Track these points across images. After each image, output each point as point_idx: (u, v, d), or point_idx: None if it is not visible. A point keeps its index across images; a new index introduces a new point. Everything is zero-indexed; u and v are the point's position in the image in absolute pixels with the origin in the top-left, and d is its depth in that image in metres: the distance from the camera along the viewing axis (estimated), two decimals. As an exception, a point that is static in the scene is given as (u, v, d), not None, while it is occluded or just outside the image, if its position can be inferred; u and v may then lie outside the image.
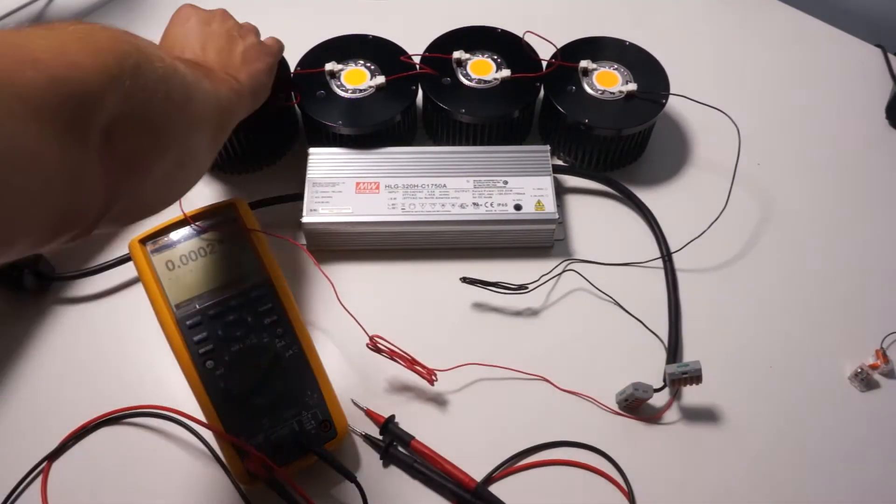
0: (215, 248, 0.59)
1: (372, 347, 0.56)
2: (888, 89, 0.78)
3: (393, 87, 0.69)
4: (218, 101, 0.49)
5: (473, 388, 0.59)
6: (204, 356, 0.55)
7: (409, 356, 0.56)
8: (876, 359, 0.60)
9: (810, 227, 0.69)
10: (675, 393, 0.58)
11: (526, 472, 0.56)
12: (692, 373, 0.55)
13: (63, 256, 0.64)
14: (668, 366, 0.56)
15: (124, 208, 0.39)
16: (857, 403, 0.59)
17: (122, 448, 0.56)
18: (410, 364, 0.56)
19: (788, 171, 0.73)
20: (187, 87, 0.42)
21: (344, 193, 0.64)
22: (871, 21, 0.90)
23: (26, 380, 0.60)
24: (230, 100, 0.51)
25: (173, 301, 0.56)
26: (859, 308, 0.64)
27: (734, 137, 0.67)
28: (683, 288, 0.64)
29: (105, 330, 0.62)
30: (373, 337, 0.56)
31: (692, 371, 0.55)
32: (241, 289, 0.57)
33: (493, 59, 0.71)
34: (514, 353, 0.61)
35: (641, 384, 0.56)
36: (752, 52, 0.83)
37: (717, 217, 0.65)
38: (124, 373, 0.60)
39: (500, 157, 0.67)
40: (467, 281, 0.62)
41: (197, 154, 0.46)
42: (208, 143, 0.47)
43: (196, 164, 0.47)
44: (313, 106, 0.68)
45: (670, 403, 0.58)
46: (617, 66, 0.71)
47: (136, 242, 0.58)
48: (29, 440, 0.56)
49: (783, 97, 0.79)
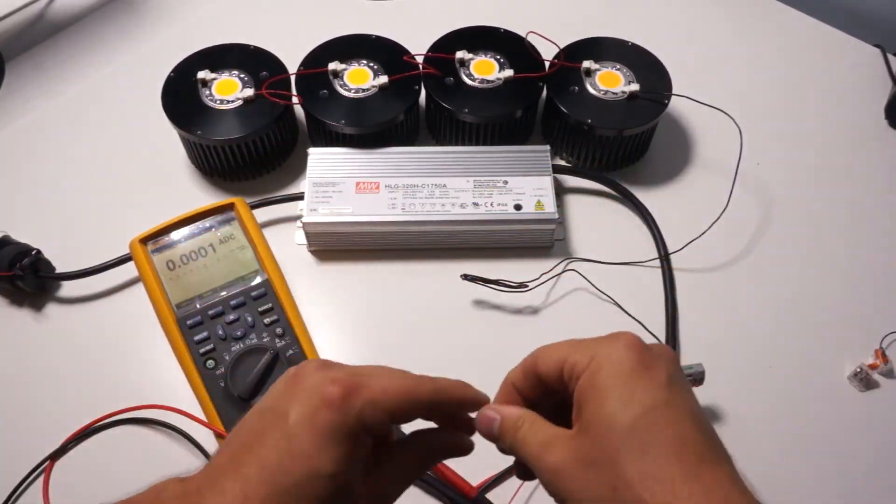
0: (216, 248, 0.59)
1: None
2: (888, 89, 0.78)
3: (396, 87, 0.69)
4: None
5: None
6: (204, 356, 0.55)
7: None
8: (875, 359, 0.60)
9: (810, 227, 0.69)
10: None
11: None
12: (696, 375, 0.55)
13: (63, 256, 0.64)
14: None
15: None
16: (857, 403, 0.59)
17: (123, 448, 0.56)
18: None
19: (788, 171, 0.73)
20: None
21: (344, 193, 0.64)
22: (871, 21, 0.90)
23: (27, 380, 0.60)
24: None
25: (174, 301, 0.56)
26: (859, 308, 0.64)
27: (735, 137, 0.67)
28: (684, 288, 0.64)
29: (105, 330, 0.62)
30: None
31: (696, 374, 0.55)
32: (241, 289, 0.57)
33: (496, 59, 0.71)
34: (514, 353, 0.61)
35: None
36: (752, 52, 0.83)
37: (717, 217, 0.65)
38: (125, 372, 0.60)
39: (500, 157, 0.67)
40: (468, 278, 0.61)
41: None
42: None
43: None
44: (316, 105, 0.68)
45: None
46: (619, 67, 0.71)
47: (136, 242, 0.58)
48: (30, 440, 0.56)
49: (783, 97, 0.79)
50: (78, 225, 0.68)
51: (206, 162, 0.69)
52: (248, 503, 0.27)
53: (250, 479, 0.28)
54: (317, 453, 0.28)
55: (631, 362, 0.29)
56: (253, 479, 0.28)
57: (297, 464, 0.28)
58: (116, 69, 0.80)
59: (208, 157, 0.68)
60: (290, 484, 0.27)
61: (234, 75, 0.69)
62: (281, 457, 0.28)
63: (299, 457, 0.28)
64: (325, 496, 0.27)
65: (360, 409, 0.29)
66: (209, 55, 0.71)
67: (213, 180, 0.71)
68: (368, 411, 0.29)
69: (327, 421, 0.28)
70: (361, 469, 0.30)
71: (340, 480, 0.28)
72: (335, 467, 0.28)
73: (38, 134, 0.75)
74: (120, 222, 0.64)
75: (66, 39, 0.83)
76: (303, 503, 0.27)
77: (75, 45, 0.83)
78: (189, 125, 0.66)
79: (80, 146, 0.74)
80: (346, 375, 0.30)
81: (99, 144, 0.74)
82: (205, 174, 0.72)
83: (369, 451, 0.30)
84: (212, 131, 0.66)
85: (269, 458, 0.28)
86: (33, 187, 0.71)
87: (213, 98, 0.68)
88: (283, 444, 0.28)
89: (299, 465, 0.28)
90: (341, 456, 0.28)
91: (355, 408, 0.29)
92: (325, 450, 0.28)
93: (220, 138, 0.66)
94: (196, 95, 0.68)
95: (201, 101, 0.68)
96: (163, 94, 0.69)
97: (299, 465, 0.28)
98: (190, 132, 0.66)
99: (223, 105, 0.68)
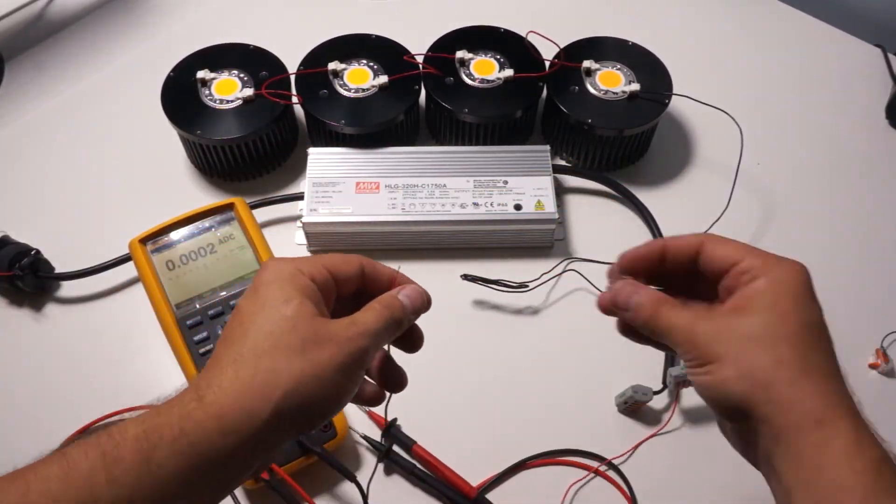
0: (215, 248, 0.58)
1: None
2: (888, 89, 0.78)
3: (396, 87, 0.69)
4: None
5: (474, 390, 0.59)
6: (204, 356, 0.55)
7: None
8: (876, 358, 0.60)
9: (810, 227, 0.69)
10: (676, 395, 0.58)
11: (525, 475, 0.55)
12: None
13: (63, 256, 0.64)
14: (671, 368, 0.56)
15: None
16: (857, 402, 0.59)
17: (122, 448, 0.56)
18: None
19: (788, 171, 0.73)
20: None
21: (344, 193, 0.64)
22: (871, 21, 0.89)
23: (27, 380, 0.59)
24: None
25: (173, 301, 0.56)
26: (859, 308, 0.64)
27: (736, 137, 0.67)
28: (684, 288, 0.64)
29: (105, 330, 0.62)
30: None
31: None
32: (241, 289, 0.57)
33: (496, 58, 0.71)
34: (514, 353, 0.61)
35: (641, 387, 0.56)
36: (753, 52, 0.83)
37: (718, 217, 0.65)
38: (125, 372, 0.59)
39: (500, 157, 0.67)
40: (468, 278, 0.61)
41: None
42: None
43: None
44: (316, 105, 0.68)
45: (674, 407, 0.58)
46: (620, 67, 0.71)
47: (136, 242, 0.58)
48: (29, 440, 0.55)
49: (783, 97, 0.79)
50: (77, 225, 0.68)
51: (205, 162, 0.69)
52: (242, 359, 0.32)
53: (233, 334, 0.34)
54: (279, 297, 0.34)
55: (809, 284, 0.34)
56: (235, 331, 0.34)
57: (267, 311, 0.34)
58: (116, 69, 0.80)
59: (208, 157, 0.68)
60: (269, 329, 0.33)
61: (234, 75, 0.69)
62: (254, 311, 0.34)
63: (268, 305, 0.34)
64: (298, 324, 0.33)
65: (307, 270, 0.36)
66: (209, 55, 0.71)
67: (213, 180, 0.71)
68: (308, 267, 0.36)
69: (284, 276, 0.35)
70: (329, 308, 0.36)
71: (305, 309, 0.34)
72: (297, 304, 0.34)
73: (38, 134, 0.75)
74: (119, 222, 0.64)
75: (65, 39, 0.83)
76: (287, 335, 0.33)
77: (75, 45, 0.83)
78: (189, 125, 0.66)
79: (80, 146, 0.74)
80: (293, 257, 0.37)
81: (99, 144, 0.74)
82: (204, 174, 0.72)
83: (329, 295, 0.36)
84: (211, 131, 0.66)
85: (249, 320, 0.34)
86: (33, 187, 0.71)
87: (213, 98, 0.68)
88: (258, 306, 0.34)
89: (269, 310, 0.34)
90: (297, 297, 0.34)
91: (304, 271, 0.35)
92: (284, 292, 0.34)
93: (219, 138, 0.66)
94: (196, 95, 0.68)
95: (201, 101, 0.68)
96: (162, 93, 0.69)
97: (269, 310, 0.34)
98: (189, 132, 0.66)
99: (223, 105, 0.67)
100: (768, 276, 0.34)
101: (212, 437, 0.31)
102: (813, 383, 0.31)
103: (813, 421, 0.30)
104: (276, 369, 0.32)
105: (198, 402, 0.31)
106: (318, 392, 0.32)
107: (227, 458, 0.31)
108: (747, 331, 0.33)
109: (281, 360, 0.32)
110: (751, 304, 0.33)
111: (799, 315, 0.33)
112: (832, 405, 0.31)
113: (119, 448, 0.30)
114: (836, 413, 0.31)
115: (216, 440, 0.31)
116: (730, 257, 0.35)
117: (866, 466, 0.29)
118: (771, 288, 0.34)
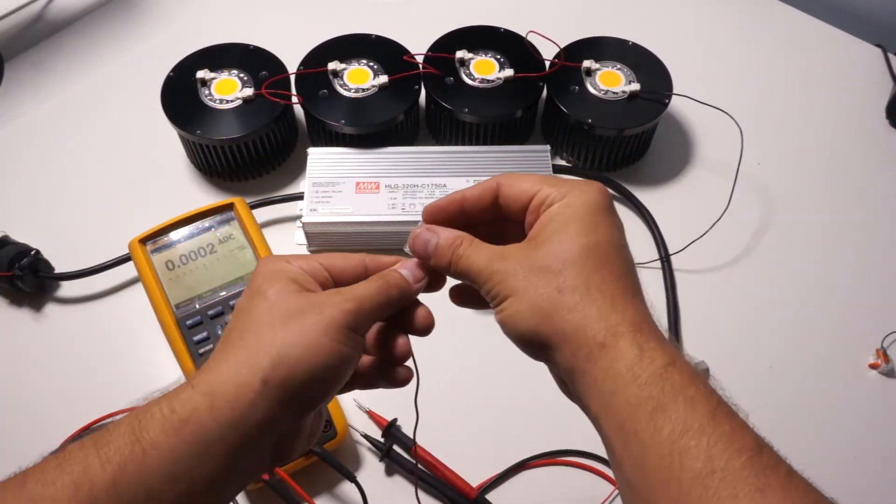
0: (215, 248, 0.58)
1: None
2: (888, 89, 0.78)
3: (396, 87, 0.69)
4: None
5: (475, 391, 0.59)
6: (204, 356, 0.54)
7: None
8: (876, 358, 0.60)
9: (810, 228, 0.69)
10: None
11: (525, 475, 0.55)
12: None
13: (63, 256, 0.64)
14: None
15: None
16: (858, 403, 0.59)
17: (122, 448, 0.56)
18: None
19: (788, 171, 0.73)
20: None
21: (344, 193, 0.64)
22: (871, 21, 0.89)
23: (27, 380, 0.59)
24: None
25: (173, 301, 0.56)
26: (859, 308, 0.64)
27: (736, 137, 0.67)
28: (685, 289, 0.64)
29: (105, 330, 0.62)
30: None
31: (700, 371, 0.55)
32: (240, 289, 0.57)
33: (497, 58, 0.71)
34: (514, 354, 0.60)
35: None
36: (753, 52, 0.83)
37: (718, 217, 0.65)
38: (124, 373, 0.59)
39: (500, 157, 0.67)
40: (468, 281, 0.61)
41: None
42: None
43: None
44: (316, 105, 0.68)
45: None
46: (620, 66, 0.71)
47: (135, 242, 0.58)
48: (29, 441, 0.56)
49: (783, 97, 0.79)
50: (77, 225, 0.68)
51: (205, 162, 0.69)
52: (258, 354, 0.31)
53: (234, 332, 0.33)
54: (266, 286, 0.33)
55: (601, 203, 0.33)
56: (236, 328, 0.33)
57: (254, 300, 0.33)
58: (116, 69, 0.80)
59: (208, 156, 0.68)
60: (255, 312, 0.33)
61: (234, 75, 0.69)
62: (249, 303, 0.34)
63: (255, 295, 0.34)
64: (282, 295, 0.33)
65: (297, 263, 0.35)
66: (209, 55, 0.71)
67: (213, 180, 0.71)
68: (299, 261, 0.36)
69: (272, 268, 0.35)
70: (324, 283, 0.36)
71: (288, 288, 0.33)
72: (280, 286, 0.33)
73: (37, 134, 0.75)
74: (119, 222, 0.64)
75: (65, 39, 0.83)
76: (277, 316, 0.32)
77: (75, 44, 0.83)
78: (188, 125, 0.66)
79: (80, 146, 0.74)
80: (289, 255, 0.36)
81: (98, 144, 0.74)
82: (204, 174, 0.72)
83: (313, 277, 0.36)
84: (211, 131, 0.66)
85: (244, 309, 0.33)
86: (33, 187, 0.71)
87: (213, 98, 0.68)
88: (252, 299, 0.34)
89: (257, 299, 0.33)
90: (281, 281, 0.34)
91: (292, 263, 0.35)
92: (270, 282, 0.34)
93: (219, 138, 0.66)
94: (195, 95, 0.68)
95: (201, 101, 0.68)
96: (162, 93, 0.69)
97: (256, 298, 0.33)
98: (189, 132, 0.66)
99: (223, 105, 0.67)
100: (561, 203, 0.33)
101: (201, 413, 0.30)
102: (595, 307, 0.31)
103: (596, 345, 0.30)
104: (259, 342, 0.31)
105: (187, 387, 0.31)
106: (307, 358, 0.31)
107: (223, 436, 0.30)
108: (536, 262, 0.32)
109: (264, 333, 0.32)
110: (542, 233, 0.33)
111: (586, 238, 0.32)
112: (613, 325, 0.30)
113: (110, 432, 0.30)
114: (618, 332, 0.30)
115: (206, 416, 0.30)
116: (526, 191, 0.34)
117: (650, 379, 0.29)
118: (561, 213, 0.33)
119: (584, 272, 0.31)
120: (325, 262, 0.36)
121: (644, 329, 0.31)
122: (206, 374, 0.31)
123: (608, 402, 0.30)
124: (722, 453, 0.27)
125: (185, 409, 0.30)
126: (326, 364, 0.32)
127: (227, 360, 0.31)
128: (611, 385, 0.30)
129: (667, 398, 0.29)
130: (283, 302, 0.33)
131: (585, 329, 0.30)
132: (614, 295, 0.31)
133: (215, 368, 0.31)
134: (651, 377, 0.29)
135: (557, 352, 0.31)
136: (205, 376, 0.31)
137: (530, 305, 0.32)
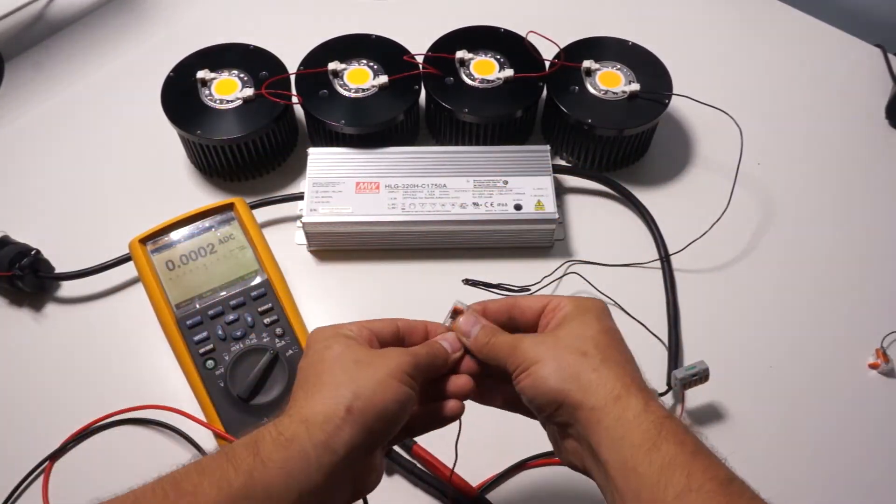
0: (215, 248, 0.58)
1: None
2: (888, 89, 0.78)
3: (396, 87, 0.69)
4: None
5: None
6: (204, 356, 0.55)
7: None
8: (876, 358, 0.60)
9: (810, 228, 0.69)
10: (681, 397, 0.58)
11: (525, 475, 0.55)
12: (701, 373, 0.55)
13: (63, 256, 0.64)
14: (675, 371, 0.56)
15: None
16: (858, 403, 0.59)
17: (123, 448, 0.56)
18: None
19: (788, 171, 0.73)
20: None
21: (344, 193, 0.64)
22: (871, 21, 0.89)
23: (27, 380, 0.59)
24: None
25: (173, 301, 0.56)
26: (859, 308, 0.64)
27: (736, 137, 0.67)
28: (685, 289, 0.64)
29: (105, 330, 0.62)
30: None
31: (700, 372, 0.55)
32: (240, 289, 0.57)
33: (496, 58, 0.71)
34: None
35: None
36: (753, 52, 0.83)
37: (718, 217, 0.65)
38: (124, 373, 0.59)
39: (500, 157, 0.67)
40: (470, 283, 0.61)
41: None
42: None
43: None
44: (316, 105, 0.68)
45: (680, 410, 0.57)
46: (620, 67, 0.71)
47: (136, 242, 0.58)
48: (30, 440, 0.56)
49: (783, 97, 0.79)
50: (77, 225, 0.68)
51: (205, 162, 0.69)
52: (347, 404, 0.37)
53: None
54: (327, 347, 0.40)
55: (604, 307, 0.43)
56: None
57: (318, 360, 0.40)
58: (116, 69, 0.80)
59: (208, 156, 0.68)
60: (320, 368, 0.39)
61: (234, 75, 0.69)
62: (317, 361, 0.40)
63: (320, 354, 0.40)
64: (340, 351, 0.40)
65: (348, 327, 0.42)
66: (209, 55, 0.71)
67: (213, 180, 0.71)
68: (349, 326, 0.42)
69: (328, 334, 0.41)
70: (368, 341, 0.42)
71: (351, 343, 0.40)
72: (343, 344, 0.40)
73: (37, 134, 0.75)
74: (119, 222, 0.64)
75: (65, 39, 0.83)
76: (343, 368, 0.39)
77: (75, 45, 0.83)
78: (189, 125, 0.66)
79: (80, 146, 0.74)
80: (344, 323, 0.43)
81: (98, 144, 0.74)
82: (204, 174, 0.72)
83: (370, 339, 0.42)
84: (211, 131, 0.66)
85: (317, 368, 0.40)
86: (33, 187, 0.71)
87: (213, 98, 0.68)
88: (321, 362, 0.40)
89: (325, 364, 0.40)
90: (342, 341, 0.40)
91: (344, 327, 0.42)
92: (329, 343, 0.40)
93: (219, 138, 0.66)
94: (196, 95, 0.68)
95: (201, 101, 0.68)
96: (162, 93, 0.69)
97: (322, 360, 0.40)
98: (189, 132, 0.66)
99: (223, 105, 0.67)
100: (572, 304, 0.42)
101: (301, 435, 0.36)
102: (612, 370, 0.38)
103: (613, 398, 0.37)
104: (339, 381, 0.38)
105: (286, 417, 0.37)
106: (380, 392, 0.38)
107: (318, 457, 0.35)
108: (560, 340, 0.40)
109: (341, 374, 0.38)
110: (562, 323, 0.41)
111: (599, 324, 0.41)
112: (626, 384, 0.38)
113: (233, 449, 0.36)
114: (629, 389, 0.38)
115: (304, 437, 0.36)
116: (538, 302, 0.43)
117: (651, 425, 0.36)
118: (576, 310, 0.42)
119: (601, 346, 0.40)
120: (367, 325, 0.42)
121: (648, 390, 0.39)
122: (299, 409, 0.37)
123: (618, 445, 0.36)
124: (698, 479, 0.34)
125: (289, 431, 0.36)
126: (395, 399, 0.38)
127: (313, 395, 0.38)
128: (621, 430, 0.36)
129: (661, 440, 0.36)
130: (351, 353, 0.40)
131: (605, 384, 0.38)
132: (625, 364, 0.40)
133: (305, 404, 0.38)
134: (652, 424, 0.36)
135: (578, 408, 0.38)
136: (297, 409, 0.37)
137: (557, 367, 0.39)
